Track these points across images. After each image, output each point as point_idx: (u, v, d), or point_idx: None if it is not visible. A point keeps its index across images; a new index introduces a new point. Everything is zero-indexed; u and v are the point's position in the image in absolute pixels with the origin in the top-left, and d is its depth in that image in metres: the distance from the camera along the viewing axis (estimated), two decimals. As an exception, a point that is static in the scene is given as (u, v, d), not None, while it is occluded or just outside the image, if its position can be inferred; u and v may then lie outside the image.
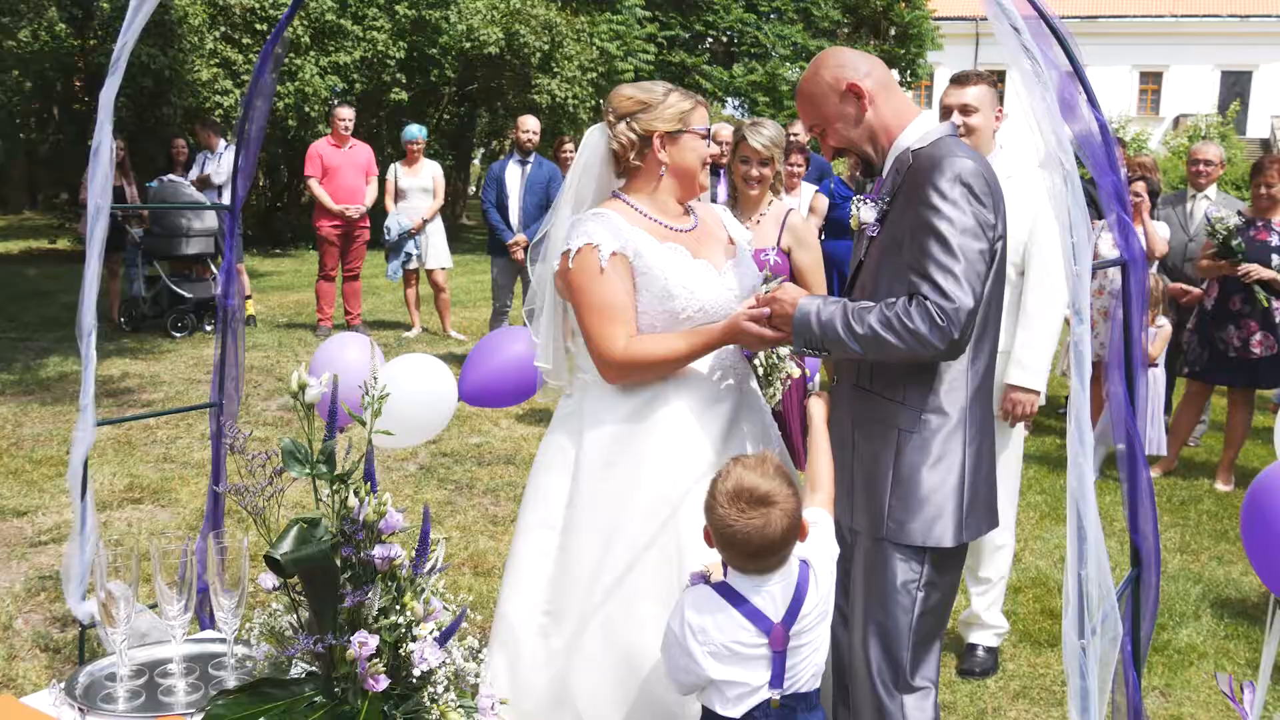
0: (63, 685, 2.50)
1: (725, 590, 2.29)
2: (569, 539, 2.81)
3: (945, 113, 3.95)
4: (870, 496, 2.64)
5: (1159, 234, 7.22)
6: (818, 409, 2.70)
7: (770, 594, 2.28)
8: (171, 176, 11.25)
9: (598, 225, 2.82)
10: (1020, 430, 4.15)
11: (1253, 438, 7.41)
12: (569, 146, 10.71)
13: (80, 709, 2.43)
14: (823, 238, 7.38)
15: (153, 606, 2.97)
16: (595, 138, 2.95)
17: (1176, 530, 5.98)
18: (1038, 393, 4.00)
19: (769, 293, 2.73)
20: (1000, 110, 4.08)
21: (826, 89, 2.68)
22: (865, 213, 2.67)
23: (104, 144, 3.10)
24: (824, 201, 7.76)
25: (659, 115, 2.87)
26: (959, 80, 4.07)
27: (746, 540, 2.24)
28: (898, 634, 2.63)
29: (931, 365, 2.57)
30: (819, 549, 2.41)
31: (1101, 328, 6.70)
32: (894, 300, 2.47)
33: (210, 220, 10.90)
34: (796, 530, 2.29)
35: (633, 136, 2.89)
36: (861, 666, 2.67)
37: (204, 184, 11.09)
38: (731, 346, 2.91)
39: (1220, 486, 6.79)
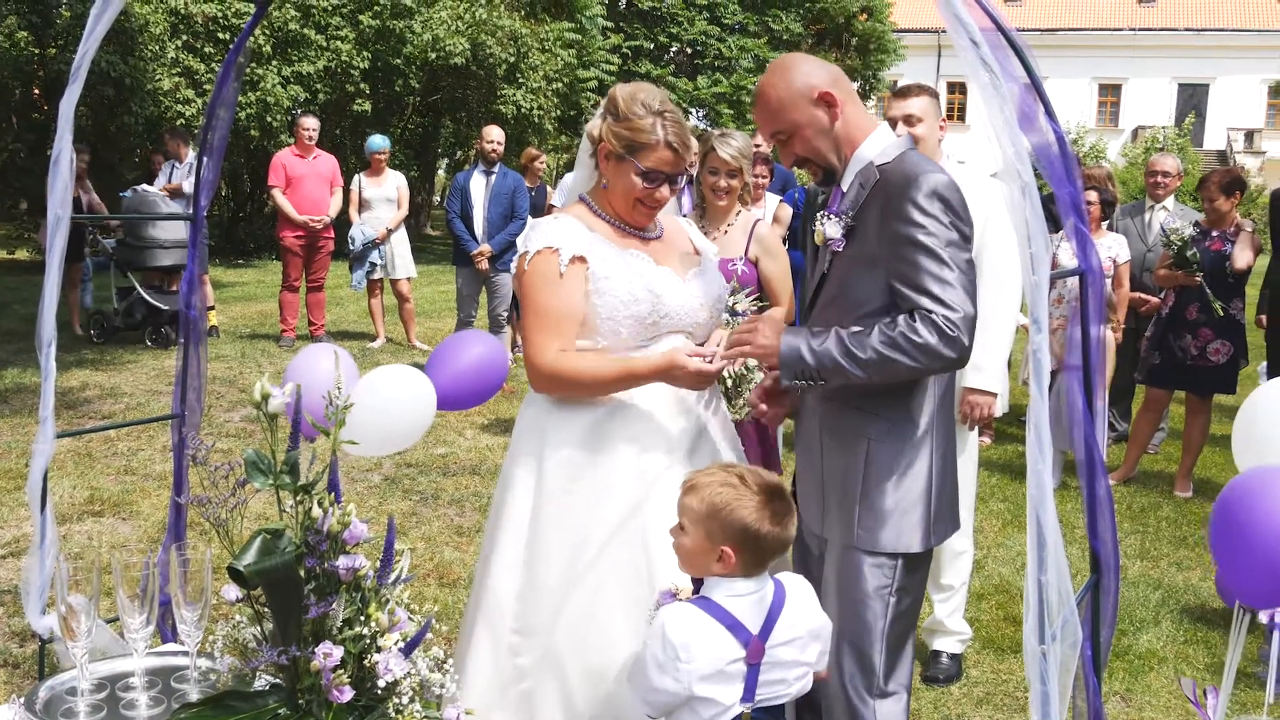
0: (22, 700, 2.47)
1: (704, 604, 2.29)
2: (535, 556, 2.75)
3: (890, 125, 3.99)
4: (840, 505, 2.66)
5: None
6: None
7: (749, 606, 2.29)
8: (145, 187, 11.17)
9: (556, 229, 2.77)
10: (974, 436, 4.19)
11: (1211, 445, 7.51)
12: (544, 159, 10.75)
13: (40, 724, 2.40)
14: (786, 247, 7.42)
15: (114, 620, 2.94)
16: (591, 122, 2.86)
17: (1136, 537, 6.05)
18: (994, 394, 4.05)
19: (745, 322, 2.72)
20: (944, 120, 4.14)
21: (797, 95, 2.64)
22: (831, 228, 2.64)
23: (64, 153, 3.06)
24: (788, 211, 7.79)
25: (614, 129, 2.75)
26: (900, 93, 4.12)
27: (778, 538, 2.28)
28: (871, 640, 2.64)
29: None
30: (804, 584, 2.42)
31: (1060, 337, 6.77)
32: (892, 320, 2.48)
33: (183, 231, 10.82)
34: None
35: (594, 134, 2.82)
36: (834, 673, 2.68)
37: (175, 194, 11.00)
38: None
39: (1179, 493, 6.88)
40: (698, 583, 2.37)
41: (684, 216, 3.70)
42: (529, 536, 2.78)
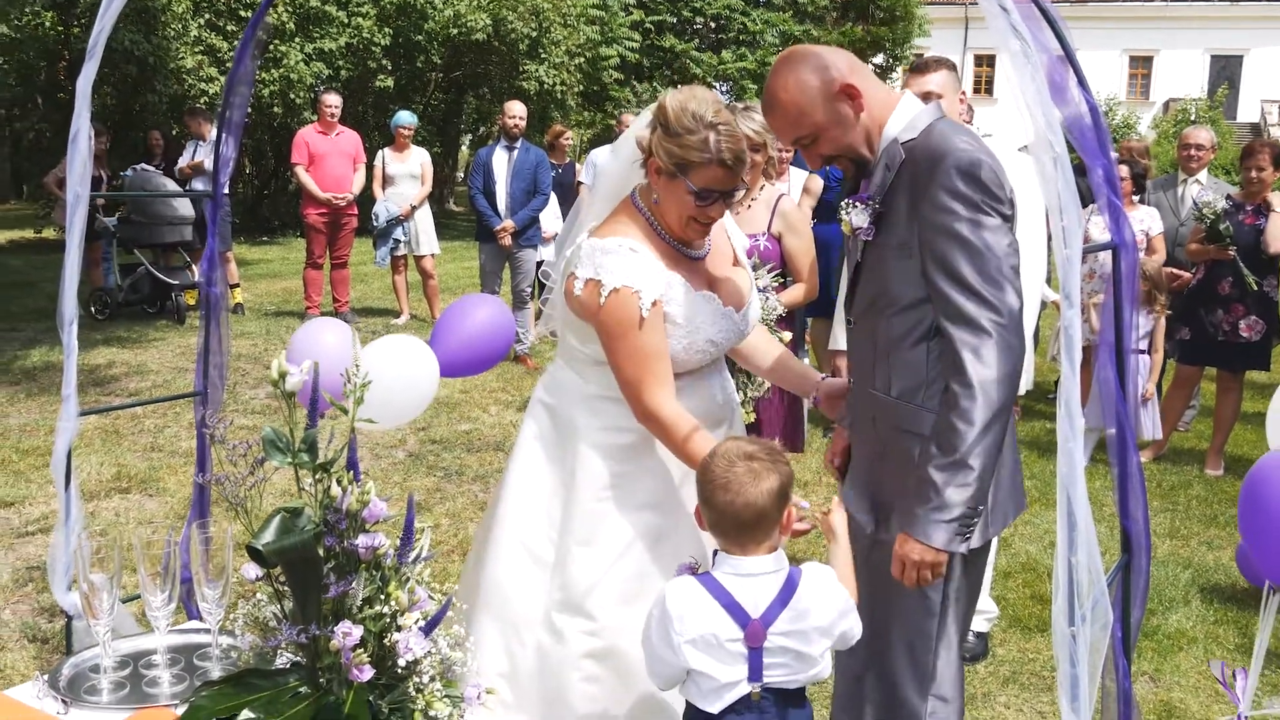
0: (46, 677, 2.48)
1: (707, 580, 2.28)
2: (566, 556, 2.72)
3: None
4: (901, 501, 2.51)
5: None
6: (840, 518, 2.52)
7: (752, 589, 2.25)
8: (144, 165, 11.22)
9: (635, 267, 2.61)
10: None
11: (1242, 422, 7.42)
12: (569, 135, 10.70)
13: (64, 701, 2.41)
14: (815, 220, 7.36)
15: (137, 598, 2.94)
16: (643, 119, 2.68)
17: (1166, 515, 5.99)
18: None
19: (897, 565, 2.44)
20: (963, 94, 4.04)
21: (815, 95, 2.44)
22: (857, 217, 2.49)
23: (82, 131, 3.05)
24: (818, 183, 7.71)
25: (665, 145, 2.57)
26: (919, 69, 3.96)
27: (736, 496, 2.22)
28: (924, 640, 2.55)
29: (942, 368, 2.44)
30: (828, 580, 2.33)
31: (1091, 312, 6.69)
32: (944, 396, 2.34)
33: (185, 209, 10.91)
34: (784, 502, 2.27)
35: (643, 145, 2.65)
36: (886, 673, 2.60)
37: (197, 170, 11.02)
38: (722, 368, 2.90)
39: (1210, 471, 6.80)
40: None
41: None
42: (560, 539, 2.75)
